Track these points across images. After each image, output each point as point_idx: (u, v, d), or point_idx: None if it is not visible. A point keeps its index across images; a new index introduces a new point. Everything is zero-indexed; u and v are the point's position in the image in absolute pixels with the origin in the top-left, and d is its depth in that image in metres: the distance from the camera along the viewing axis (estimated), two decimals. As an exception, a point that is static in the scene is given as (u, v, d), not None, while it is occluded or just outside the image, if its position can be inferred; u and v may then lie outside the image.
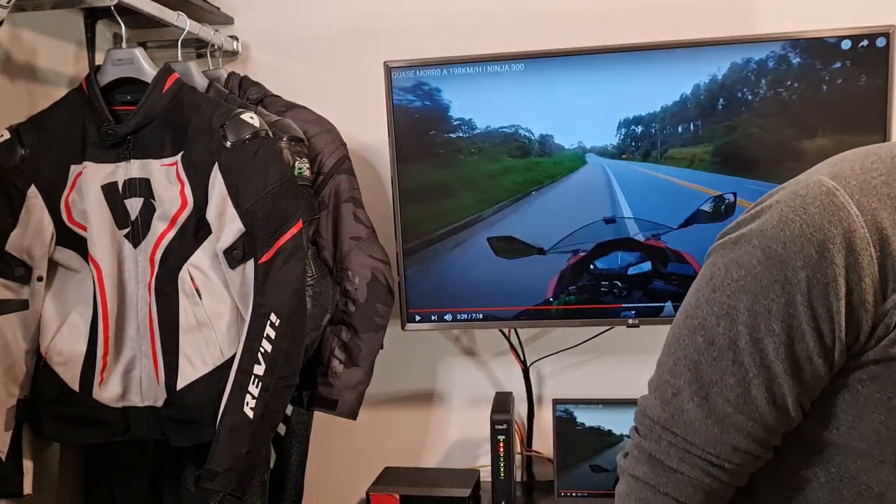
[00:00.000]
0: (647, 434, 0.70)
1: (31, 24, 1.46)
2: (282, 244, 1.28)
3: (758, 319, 0.62)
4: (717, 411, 0.65)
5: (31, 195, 1.32)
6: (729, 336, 0.64)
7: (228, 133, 1.29)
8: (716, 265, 0.67)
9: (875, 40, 1.42)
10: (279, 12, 1.76)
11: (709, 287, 0.67)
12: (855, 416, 0.63)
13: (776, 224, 0.62)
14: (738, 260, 0.64)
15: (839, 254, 0.59)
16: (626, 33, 1.55)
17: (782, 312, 0.61)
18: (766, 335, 0.62)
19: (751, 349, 0.63)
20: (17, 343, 1.32)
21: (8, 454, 1.31)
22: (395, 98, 1.52)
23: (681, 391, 0.67)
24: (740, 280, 0.64)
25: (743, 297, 0.63)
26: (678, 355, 0.68)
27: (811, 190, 0.61)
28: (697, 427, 0.66)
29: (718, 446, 0.66)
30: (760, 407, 0.64)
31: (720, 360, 0.65)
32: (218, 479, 1.24)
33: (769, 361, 0.63)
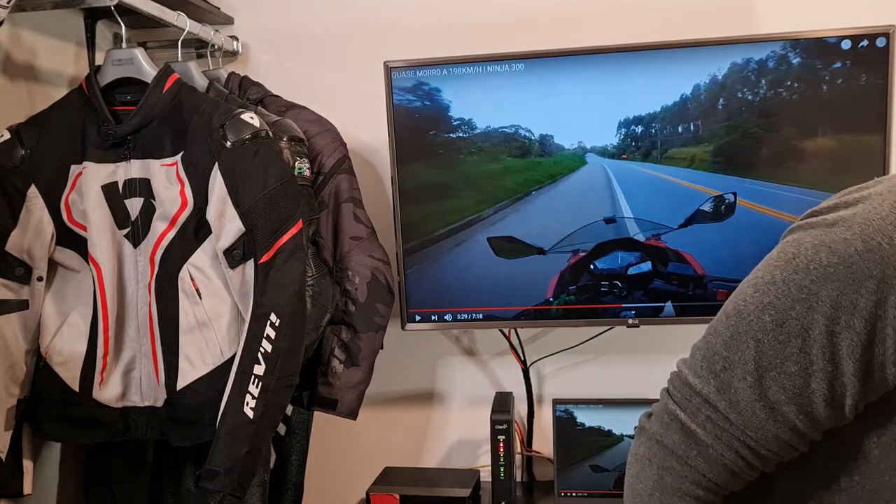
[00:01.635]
0: (685, 403, 0.67)
1: (31, 24, 1.46)
2: (282, 244, 1.28)
3: (840, 312, 0.58)
4: (768, 396, 0.62)
5: (31, 195, 1.32)
6: (802, 322, 0.60)
7: (228, 133, 1.29)
8: (801, 244, 0.62)
9: (875, 40, 1.42)
10: (279, 12, 1.76)
11: (789, 266, 0.62)
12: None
13: (885, 216, 0.58)
14: (832, 244, 0.59)
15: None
16: (626, 33, 1.55)
17: (869, 311, 0.57)
18: (845, 330, 0.58)
19: (823, 341, 0.59)
20: (17, 343, 1.32)
21: (8, 454, 1.30)
22: (395, 98, 1.52)
23: (733, 366, 0.63)
24: (830, 266, 0.59)
25: (829, 286, 0.58)
26: (738, 329, 0.63)
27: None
28: (743, 408, 0.63)
29: (760, 431, 0.63)
30: (816, 402, 0.61)
31: (785, 345, 0.61)
32: (218, 479, 1.24)
33: (839, 358, 0.59)
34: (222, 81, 1.59)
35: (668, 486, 0.67)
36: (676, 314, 1.53)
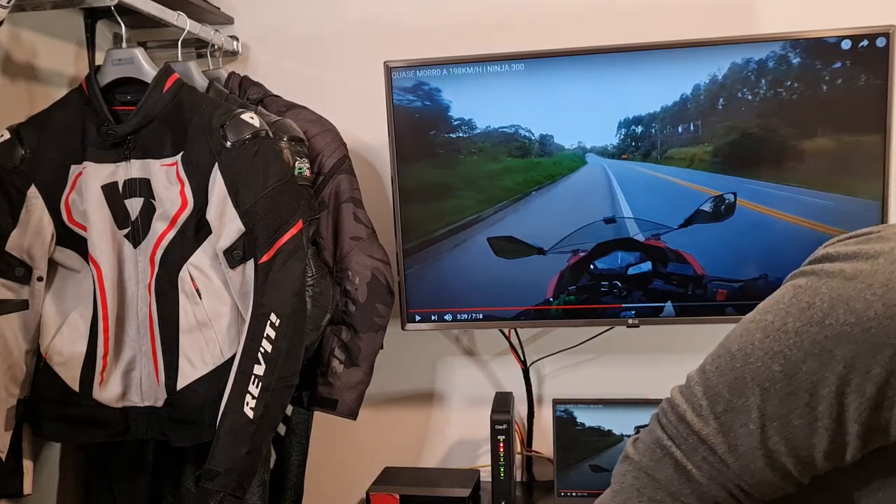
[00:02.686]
0: (680, 440, 0.66)
1: (31, 24, 1.46)
2: (282, 244, 1.28)
3: (853, 374, 0.57)
4: (769, 446, 0.61)
5: (31, 195, 1.32)
6: (812, 378, 0.58)
7: (229, 133, 1.29)
8: (818, 294, 0.60)
9: (875, 40, 1.42)
10: (279, 12, 1.76)
11: (804, 316, 0.60)
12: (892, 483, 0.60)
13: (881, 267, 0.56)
14: (850, 302, 0.57)
15: None
16: (626, 33, 1.55)
17: (882, 378, 0.56)
18: (855, 393, 0.57)
19: (832, 400, 0.58)
20: (17, 343, 1.32)
21: (8, 454, 1.31)
22: (395, 98, 1.52)
23: (736, 411, 0.62)
24: (847, 325, 0.57)
25: (844, 346, 0.57)
26: (744, 373, 0.62)
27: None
28: (742, 453, 0.62)
29: (755, 477, 0.63)
30: (815, 456, 0.60)
31: (792, 398, 0.60)
32: (218, 479, 1.24)
33: (845, 419, 0.58)
34: (222, 81, 1.59)
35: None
36: (676, 314, 1.53)
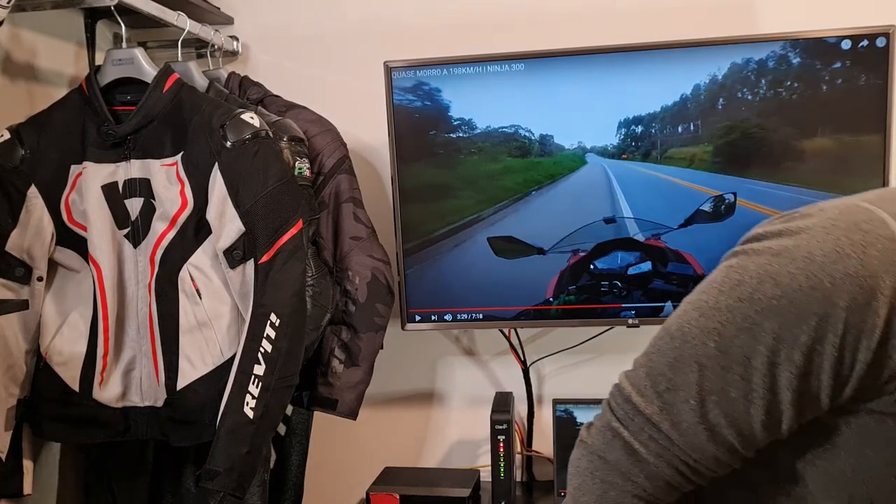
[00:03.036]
0: (627, 421, 0.68)
1: (31, 24, 1.46)
2: (282, 244, 1.28)
3: (781, 345, 0.60)
4: (709, 419, 0.64)
5: (31, 195, 1.32)
6: (745, 351, 0.61)
7: (229, 133, 1.29)
8: (746, 271, 0.63)
9: (875, 40, 1.42)
10: (279, 12, 1.76)
11: (734, 293, 0.63)
12: (830, 452, 0.64)
13: (829, 253, 0.58)
14: (776, 277, 0.61)
15: (885, 306, 0.57)
16: (626, 33, 1.55)
17: (809, 346, 0.59)
18: (785, 362, 0.60)
19: (764, 371, 0.61)
20: (17, 343, 1.32)
21: (8, 454, 1.30)
22: (395, 98, 1.53)
23: (677, 388, 0.65)
24: (774, 299, 0.60)
25: (772, 318, 0.60)
26: (683, 352, 0.65)
27: (875, 228, 0.58)
28: (685, 429, 0.65)
29: (700, 452, 0.65)
30: (754, 427, 0.63)
31: (728, 372, 0.62)
32: (218, 479, 1.24)
33: (778, 388, 0.61)
34: (222, 81, 1.59)
35: (612, 499, 0.69)
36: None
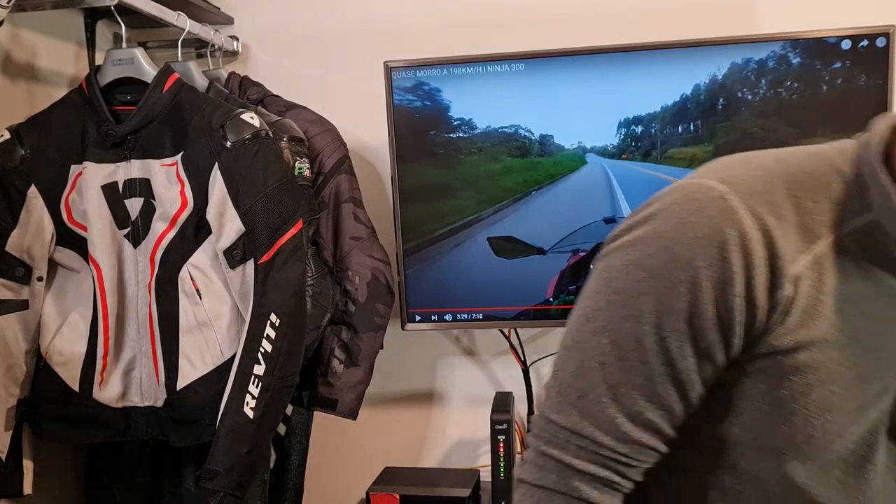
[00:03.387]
0: (553, 440, 0.69)
1: (31, 24, 1.46)
2: (282, 244, 1.28)
3: (663, 318, 0.64)
4: (626, 410, 0.66)
5: (31, 195, 1.32)
6: (635, 337, 0.65)
7: (229, 133, 1.29)
8: (613, 268, 0.67)
9: (875, 40, 1.42)
10: (279, 12, 1.76)
11: (609, 289, 0.67)
12: (742, 406, 0.66)
13: (676, 226, 0.64)
14: (638, 262, 0.65)
15: (736, 254, 0.62)
16: (626, 33, 1.55)
17: (688, 311, 0.63)
18: (672, 334, 0.64)
19: (656, 348, 0.64)
20: (17, 343, 1.32)
21: (8, 454, 1.30)
22: (395, 98, 1.53)
23: (587, 393, 0.67)
24: (643, 281, 0.65)
25: (648, 298, 0.64)
26: (581, 358, 0.68)
27: (705, 194, 0.64)
28: (607, 427, 0.67)
29: (628, 444, 0.67)
30: (668, 403, 0.66)
31: (626, 361, 0.65)
32: (218, 478, 1.24)
33: (674, 360, 0.64)
34: (222, 81, 1.59)
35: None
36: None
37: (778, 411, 0.65)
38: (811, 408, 0.64)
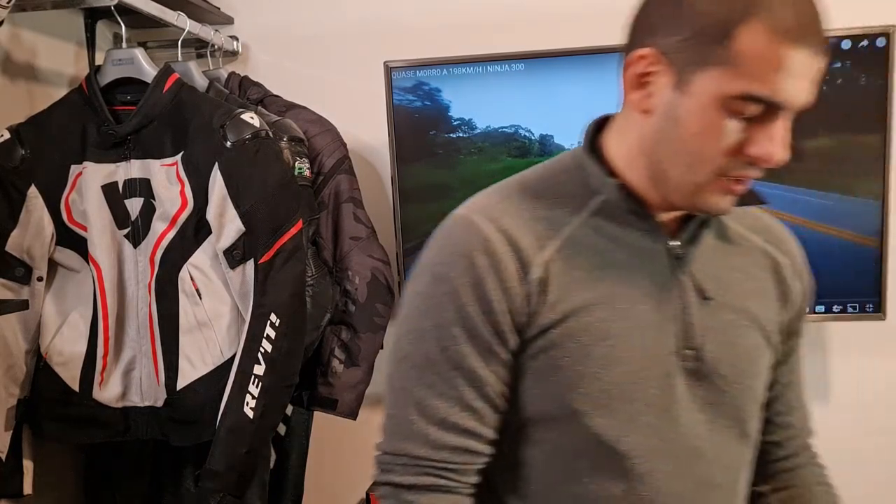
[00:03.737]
0: (387, 469, 0.76)
1: (31, 24, 1.46)
2: (282, 244, 1.28)
3: (440, 331, 0.73)
4: (434, 420, 0.73)
5: (31, 195, 1.32)
6: (427, 355, 0.73)
7: (229, 133, 1.29)
8: (402, 306, 0.79)
9: (875, 40, 1.42)
10: (279, 12, 1.76)
11: (402, 325, 0.77)
12: (539, 386, 0.74)
13: (435, 253, 0.76)
14: (415, 290, 0.76)
15: (482, 257, 0.72)
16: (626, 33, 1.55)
17: (457, 317, 0.72)
18: (450, 340, 0.72)
19: (443, 357, 0.73)
20: (17, 343, 1.32)
21: (8, 454, 1.30)
22: (395, 98, 1.53)
23: (401, 417, 0.75)
24: (421, 305, 0.75)
25: (426, 318, 0.74)
26: (393, 387, 0.77)
27: (450, 221, 0.77)
28: (421, 440, 0.73)
29: (443, 451, 0.73)
30: (470, 402, 0.73)
31: (424, 377, 0.74)
32: (218, 478, 1.24)
33: (460, 362, 0.73)
34: (222, 81, 1.59)
35: None
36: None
37: (568, 378, 0.72)
38: (595, 366, 0.71)
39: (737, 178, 0.69)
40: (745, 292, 0.78)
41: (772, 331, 0.79)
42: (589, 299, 0.72)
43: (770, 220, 0.85)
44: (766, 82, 0.63)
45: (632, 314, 0.73)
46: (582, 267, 0.73)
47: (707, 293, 0.75)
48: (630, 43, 0.74)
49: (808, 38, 0.64)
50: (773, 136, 0.66)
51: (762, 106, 0.65)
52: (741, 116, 0.65)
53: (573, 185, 0.77)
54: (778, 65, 0.63)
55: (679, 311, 0.74)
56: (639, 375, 0.72)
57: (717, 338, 0.75)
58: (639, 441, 0.72)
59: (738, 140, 0.66)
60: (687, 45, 0.66)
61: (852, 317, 1.51)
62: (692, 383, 0.75)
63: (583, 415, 0.72)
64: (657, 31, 0.69)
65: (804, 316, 0.85)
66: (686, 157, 0.69)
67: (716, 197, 0.70)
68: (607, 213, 0.75)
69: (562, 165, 0.80)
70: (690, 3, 0.66)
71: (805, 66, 0.64)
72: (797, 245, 0.85)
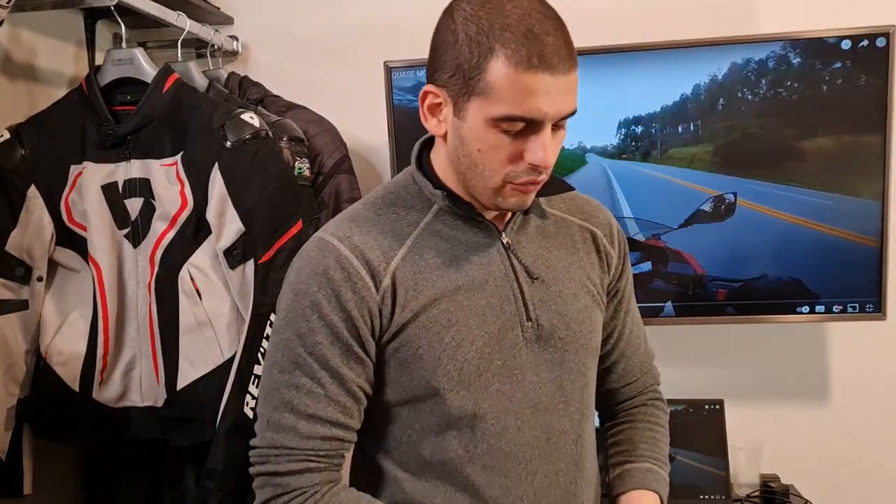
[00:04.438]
0: (263, 461, 0.86)
1: (31, 24, 1.46)
2: (282, 244, 1.28)
3: (305, 338, 0.84)
4: (305, 415, 0.84)
5: (31, 195, 1.32)
6: (292, 359, 0.84)
7: (228, 133, 1.29)
8: (277, 313, 0.90)
9: (875, 40, 1.42)
10: (279, 12, 1.76)
11: (271, 338, 0.89)
12: (405, 375, 0.86)
13: (296, 272, 0.87)
14: (280, 306, 0.88)
15: (337, 271, 0.83)
16: (626, 33, 1.55)
17: (320, 325, 0.83)
18: (314, 346, 0.83)
19: (310, 359, 0.84)
20: (17, 343, 1.32)
21: (8, 454, 1.31)
22: (395, 98, 1.53)
23: (272, 415, 0.85)
24: (284, 319, 0.86)
25: (289, 329, 0.85)
26: (264, 392, 0.87)
27: (309, 243, 0.88)
28: (294, 433, 0.84)
29: (313, 441, 0.84)
30: (336, 397, 0.84)
31: (293, 377, 0.84)
32: (218, 478, 1.24)
33: (325, 362, 0.84)
34: (222, 81, 1.59)
35: None
36: (676, 314, 1.53)
37: (428, 363, 0.84)
38: (448, 349, 0.84)
39: (524, 183, 0.83)
40: (568, 266, 0.93)
41: (597, 293, 0.95)
42: (433, 295, 0.85)
43: (583, 200, 1.00)
44: (516, 104, 0.77)
45: (471, 302, 0.86)
46: (425, 269, 0.86)
47: (533, 274, 0.90)
48: (426, 79, 0.87)
49: (546, 63, 0.76)
50: (542, 144, 0.79)
51: (522, 123, 0.78)
52: (510, 132, 0.79)
53: (411, 199, 0.90)
54: (523, 89, 0.76)
55: (514, 291, 0.88)
56: (484, 352, 0.86)
57: (549, 308, 0.90)
58: (492, 405, 0.86)
59: (512, 151, 0.80)
60: (454, 80, 0.80)
61: (852, 317, 1.51)
62: (538, 350, 0.89)
63: (445, 391, 0.85)
64: (437, 70, 0.83)
65: (626, 275, 1.01)
66: (478, 169, 0.83)
67: (513, 198, 0.84)
68: (443, 219, 0.89)
69: (402, 182, 0.92)
70: (452, 46, 0.80)
71: (549, 85, 0.76)
72: (609, 215, 1.00)
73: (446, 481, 0.87)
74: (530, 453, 0.88)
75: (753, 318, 1.54)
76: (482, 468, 0.86)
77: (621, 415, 1.05)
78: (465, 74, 0.79)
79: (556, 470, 0.89)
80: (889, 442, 1.68)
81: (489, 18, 0.78)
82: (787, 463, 1.68)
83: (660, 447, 1.01)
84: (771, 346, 1.69)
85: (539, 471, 0.88)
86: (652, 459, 0.99)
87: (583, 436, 0.92)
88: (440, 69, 0.82)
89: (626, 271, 1.01)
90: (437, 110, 0.84)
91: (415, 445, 0.88)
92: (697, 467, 1.58)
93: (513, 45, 0.76)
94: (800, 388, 1.70)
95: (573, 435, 0.91)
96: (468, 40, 0.78)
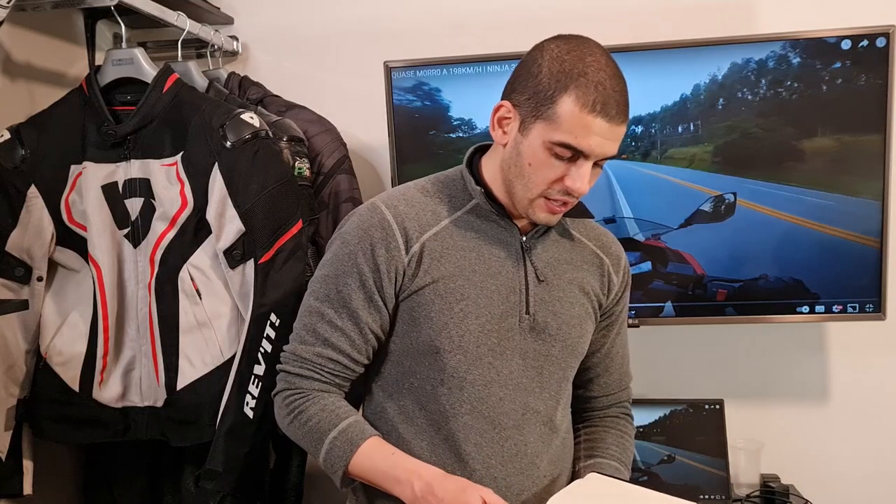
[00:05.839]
0: (285, 361, 1.05)
1: (31, 24, 1.46)
2: (282, 244, 1.28)
3: (339, 279, 1.02)
4: (320, 337, 1.03)
5: (31, 195, 1.32)
6: (325, 292, 1.03)
7: (228, 133, 1.29)
8: (326, 256, 1.07)
9: (875, 40, 1.42)
10: (279, 12, 1.76)
11: (316, 272, 1.07)
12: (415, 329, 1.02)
13: (348, 225, 1.05)
14: (329, 248, 1.06)
15: (378, 230, 1.01)
16: (627, 33, 1.55)
17: (352, 270, 1.01)
18: (344, 286, 1.02)
19: (337, 297, 1.02)
20: (17, 343, 1.32)
21: (8, 454, 1.31)
22: (395, 98, 1.53)
23: (300, 331, 1.05)
24: (329, 258, 1.05)
25: (331, 267, 1.04)
26: (301, 310, 1.06)
27: (363, 206, 1.06)
28: (311, 350, 1.03)
29: (321, 359, 1.02)
30: (347, 333, 1.02)
31: (322, 306, 1.03)
32: (217, 479, 1.24)
33: (349, 302, 1.02)
34: (222, 81, 1.59)
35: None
36: (676, 314, 1.53)
37: (437, 324, 1.00)
38: (455, 317, 1.01)
39: (556, 201, 0.99)
40: (573, 278, 1.08)
41: (593, 308, 1.10)
42: (453, 270, 1.02)
43: (602, 231, 1.15)
44: (573, 136, 0.93)
45: (484, 285, 1.02)
46: (451, 248, 1.02)
47: (541, 276, 1.05)
48: (502, 95, 1.02)
49: (606, 112, 0.92)
50: (582, 174, 0.96)
51: (572, 151, 0.94)
52: (560, 157, 0.95)
53: (455, 191, 1.07)
54: (583, 126, 0.92)
55: (521, 286, 1.04)
56: (485, 328, 1.02)
57: (547, 308, 1.05)
58: (481, 374, 1.02)
59: (556, 174, 0.97)
60: (528, 102, 0.96)
61: (852, 317, 1.51)
62: (529, 339, 1.04)
63: (444, 352, 1.01)
64: (514, 90, 0.99)
65: (623, 303, 1.15)
66: (523, 179, 0.99)
67: (544, 213, 1.01)
68: (477, 213, 1.05)
69: (451, 175, 1.09)
70: (535, 76, 0.96)
71: (603, 130, 0.93)
72: (621, 249, 1.15)
73: (433, 429, 1.02)
74: (505, 421, 1.03)
75: (753, 319, 1.54)
76: (463, 425, 1.01)
77: (596, 420, 1.19)
78: (539, 101, 0.94)
79: (525, 441, 1.04)
80: (889, 442, 1.68)
81: (572, 63, 0.94)
82: (787, 463, 1.68)
83: (627, 455, 1.15)
84: (771, 346, 1.69)
85: (510, 438, 1.03)
86: (619, 461, 1.12)
87: (554, 419, 1.07)
88: (518, 91, 0.97)
89: (624, 300, 1.15)
90: (505, 122, 1.00)
91: (413, 392, 1.04)
92: (697, 467, 1.58)
93: (584, 90, 0.92)
94: (800, 388, 1.70)
95: (545, 416, 1.05)
96: (550, 75, 0.94)
